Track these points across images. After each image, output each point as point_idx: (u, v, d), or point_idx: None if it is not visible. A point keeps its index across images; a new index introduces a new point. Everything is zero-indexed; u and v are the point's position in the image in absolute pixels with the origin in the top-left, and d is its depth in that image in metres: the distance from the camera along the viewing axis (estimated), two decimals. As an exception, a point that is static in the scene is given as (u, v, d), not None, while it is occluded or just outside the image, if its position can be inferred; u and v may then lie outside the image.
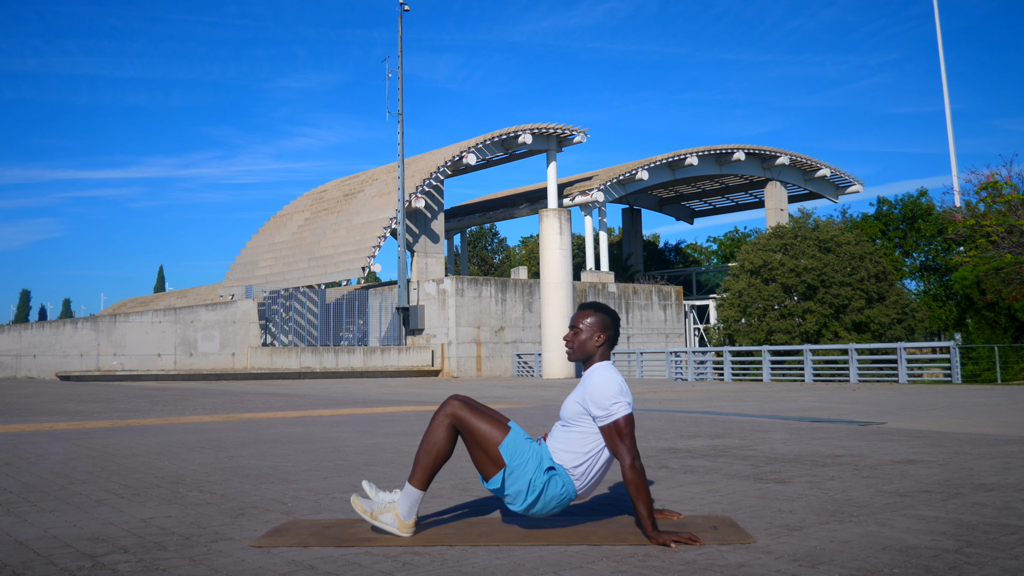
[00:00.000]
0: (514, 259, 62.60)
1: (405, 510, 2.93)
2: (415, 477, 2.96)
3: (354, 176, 41.95)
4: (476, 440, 2.96)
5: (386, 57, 41.31)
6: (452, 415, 2.98)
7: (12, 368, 26.18)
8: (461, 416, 2.97)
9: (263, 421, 8.42)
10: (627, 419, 2.88)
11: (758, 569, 2.45)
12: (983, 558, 2.56)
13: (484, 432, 2.95)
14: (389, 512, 2.95)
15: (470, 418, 2.97)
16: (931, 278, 39.65)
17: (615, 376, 2.98)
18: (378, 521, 2.94)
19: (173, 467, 4.84)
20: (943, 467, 4.60)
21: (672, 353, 25.77)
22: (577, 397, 3.01)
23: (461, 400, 3.03)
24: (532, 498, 2.93)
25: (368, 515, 2.96)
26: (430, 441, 2.98)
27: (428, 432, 3.00)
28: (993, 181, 22.21)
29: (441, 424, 2.98)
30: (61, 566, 2.56)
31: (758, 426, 7.43)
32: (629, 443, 2.86)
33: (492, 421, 2.99)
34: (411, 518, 2.93)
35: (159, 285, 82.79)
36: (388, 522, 2.93)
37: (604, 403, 2.89)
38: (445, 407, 3.00)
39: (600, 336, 3.08)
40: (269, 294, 30.64)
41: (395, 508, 2.94)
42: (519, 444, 2.96)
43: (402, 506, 2.93)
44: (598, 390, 2.92)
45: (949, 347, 19.89)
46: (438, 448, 2.97)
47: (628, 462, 2.82)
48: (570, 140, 35.00)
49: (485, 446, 2.95)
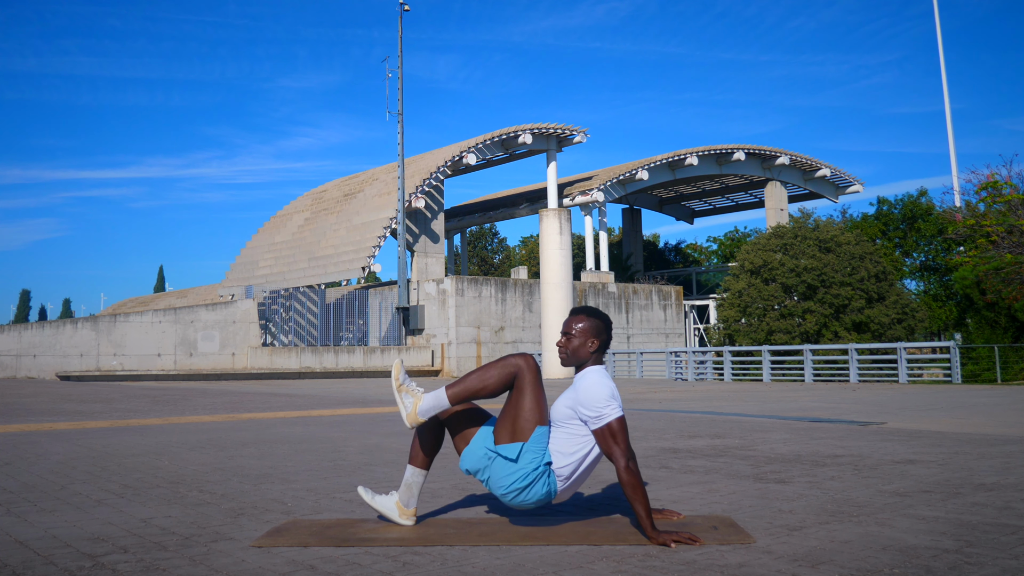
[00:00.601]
0: (514, 259, 62.60)
1: (425, 407, 2.97)
2: (452, 387, 2.99)
3: (354, 176, 41.94)
4: (523, 399, 2.96)
5: (386, 57, 41.32)
6: (524, 366, 2.98)
7: (12, 368, 26.18)
8: (534, 369, 2.98)
9: (263, 421, 8.42)
10: (619, 421, 2.88)
11: (758, 569, 2.45)
12: (983, 558, 2.56)
13: (537, 400, 2.96)
14: (412, 396, 3.00)
15: (535, 381, 2.98)
16: (931, 278, 39.65)
17: (606, 381, 2.97)
18: (399, 393, 3.01)
19: (173, 467, 4.84)
20: (943, 467, 4.60)
21: (672, 353, 25.76)
22: (568, 401, 3.01)
23: (534, 362, 3.04)
24: (521, 484, 2.93)
25: (396, 381, 3.02)
26: (486, 375, 2.98)
27: (487, 367, 3.01)
28: (993, 181, 22.20)
29: (506, 368, 2.98)
30: (61, 566, 2.56)
31: (758, 426, 7.43)
32: (623, 446, 2.85)
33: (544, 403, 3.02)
34: (422, 418, 2.98)
35: (159, 285, 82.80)
36: (406, 403, 2.99)
37: (596, 406, 2.89)
38: (518, 357, 3.01)
39: (593, 342, 3.06)
40: (269, 294, 30.64)
41: (420, 398, 2.99)
42: (545, 435, 2.98)
43: (426, 401, 2.98)
44: (589, 394, 2.92)
45: (949, 347, 19.89)
46: (489, 385, 2.97)
47: (623, 464, 2.81)
48: (570, 140, 35.00)
49: (526, 411, 2.95)
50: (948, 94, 37.73)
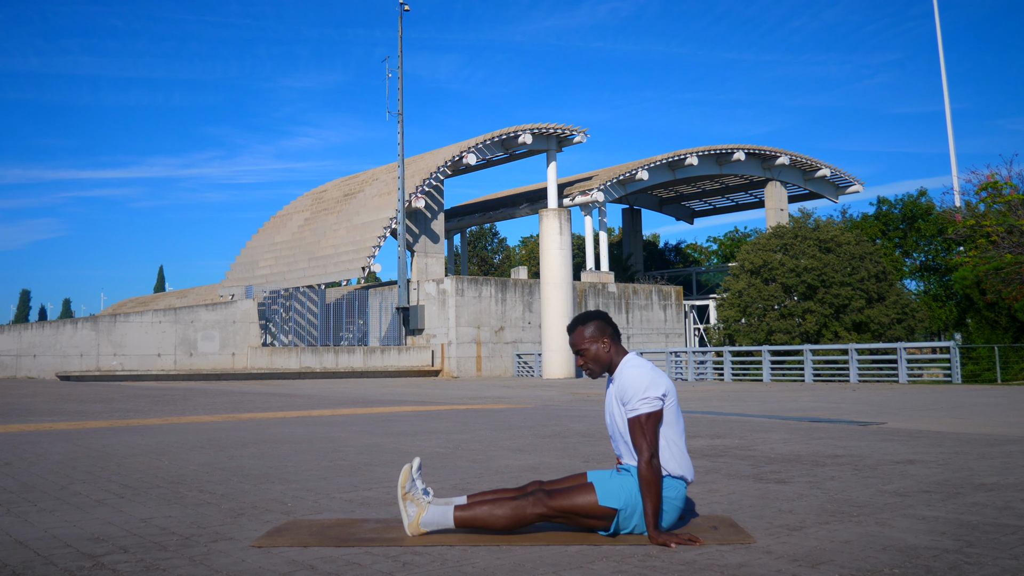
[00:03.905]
0: (514, 259, 62.59)
1: (429, 520, 2.91)
2: (461, 510, 2.91)
3: (354, 176, 41.95)
4: (576, 518, 2.89)
5: (386, 57, 41.33)
6: (542, 516, 2.89)
7: (12, 368, 26.18)
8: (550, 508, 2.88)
9: (263, 421, 8.42)
10: (649, 416, 2.88)
11: (758, 569, 2.45)
12: (983, 558, 2.56)
13: (579, 506, 2.87)
14: (416, 506, 2.94)
15: (558, 505, 2.88)
16: (931, 278, 39.64)
17: (643, 366, 2.97)
18: (403, 501, 2.94)
19: (173, 467, 4.84)
20: (943, 467, 4.60)
21: (672, 353, 25.77)
22: (616, 404, 3.01)
23: (544, 493, 2.91)
24: (631, 512, 2.89)
25: (402, 489, 2.94)
26: (496, 511, 2.89)
27: (501, 503, 2.91)
28: (993, 181, 22.21)
29: (520, 512, 2.87)
30: (61, 566, 2.56)
31: (758, 426, 7.43)
32: (651, 439, 2.86)
33: (574, 491, 2.90)
34: (426, 529, 2.92)
35: (159, 285, 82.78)
36: (410, 512, 2.93)
37: (630, 397, 2.91)
38: (531, 504, 2.88)
39: (604, 341, 3.08)
40: (269, 294, 30.64)
41: (424, 509, 2.92)
42: (608, 485, 2.90)
43: (431, 514, 2.92)
44: (625, 386, 2.94)
45: (949, 347, 19.89)
46: (497, 523, 2.88)
47: (646, 458, 2.82)
48: (570, 140, 35.00)
49: (590, 515, 2.88)
50: (948, 94, 37.75)
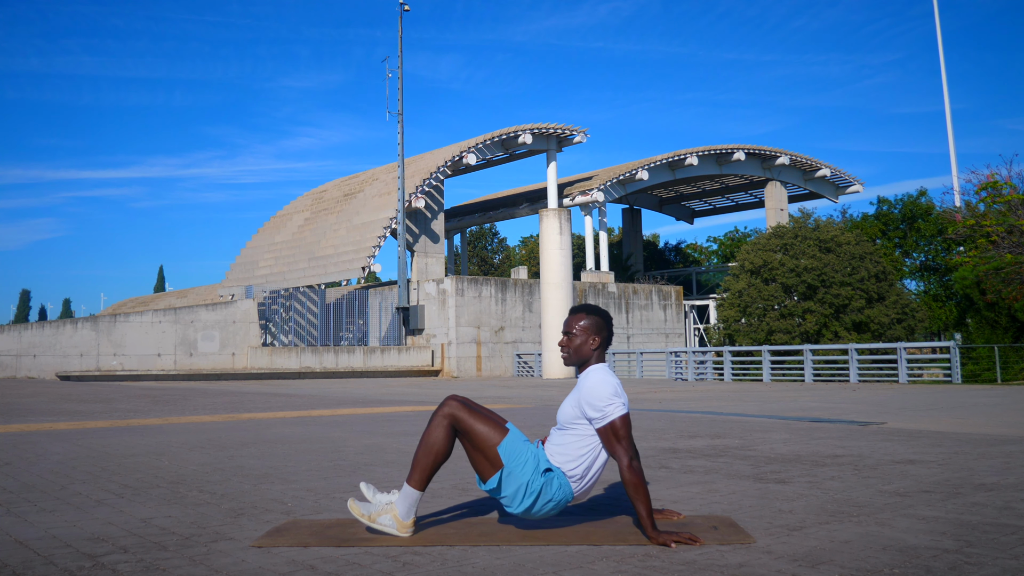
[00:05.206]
0: (514, 259, 62.59)
1: (403, 510, 2.92)
2: (413, 477, 2.95)
3: (354, 176, 41.94)
4: (474, 441, 2.96)
5: (386, 57, 41.32)
6: (450, 415, 2.98)
7: (12, 368, 26.18)
8: (460, 416, 2.97)
9: (263, 421, 8.42)
10: (623, 419, 2.88)
11: (758, 569, 2.45)
12: (983, 558, 2.56)
13: (482, 433, 2.95)
14: (387, 514, 2.94)
15: (468, 419, 2.96)
16: (931, 278, 39.65)
17: (610, 378, 2.97)
18: (376, 523, 2.94)
19: (173, 467, 4.84)
20: (943, 467, 4.60)
21: (672, 353, 25.77)
22: (572, 401, 3.01)
23: (459, 401, 3.02)
24: (530, 500, 2.93)
25: (366, 518, 2.94)
26: (428, 441, 2.97)
27: (426, 432, 2.99)
28: (993, 181, 22.22)
29: (439, 425, 2.97)
30: (61, 566, 2.56)
31: (758, 426, 7.43)
32: (626, 444, 2.85)
33: (490, 422, 2.98)
34: (409, 518, 2.92)
35: (159, 285, 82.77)
36: (386, 523, 2.92)
37: (599, 404, 2.89)
38: (443, 407, 3.00)
39: (595, 339, 3.07)
40: (269, 294, 30.64)
41: (393, 509, 2.93)
42: (517, 446, 2.95)
43: (400, 506, 2.93)
44: (593, 392, 2.92)
45: (949, 347, 19.89)
46: (436, 448, 2.96)
47: (626, 463, 2.81)
48: (570, 140, 35.00)
49: (483, 447, 2.94)
50: (948, 94, 37.76)
